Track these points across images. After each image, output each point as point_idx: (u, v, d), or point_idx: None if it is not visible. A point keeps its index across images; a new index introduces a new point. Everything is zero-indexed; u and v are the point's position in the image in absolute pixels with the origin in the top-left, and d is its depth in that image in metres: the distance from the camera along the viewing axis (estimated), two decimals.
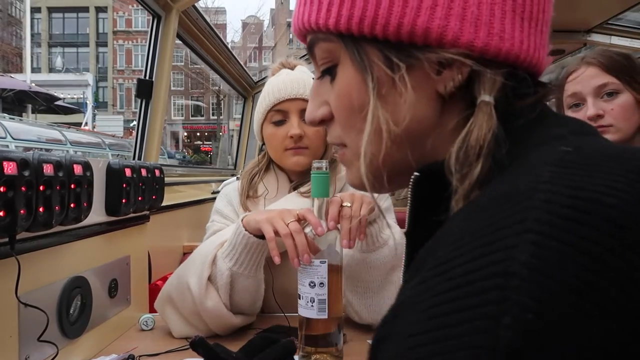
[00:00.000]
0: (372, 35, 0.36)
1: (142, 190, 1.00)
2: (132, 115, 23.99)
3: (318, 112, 0.43)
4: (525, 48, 0.35)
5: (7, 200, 0.60)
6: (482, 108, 0.34)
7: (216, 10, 23.05)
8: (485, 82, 0.34)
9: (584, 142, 0.31)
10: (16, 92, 13.16)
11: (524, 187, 0.26)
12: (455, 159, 0.33)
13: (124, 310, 1.00)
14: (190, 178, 2.12)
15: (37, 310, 0.69)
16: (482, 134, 0.33)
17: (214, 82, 22.23)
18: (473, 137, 0.33)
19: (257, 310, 1.00)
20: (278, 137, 1.06)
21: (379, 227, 0.94)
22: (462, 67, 0.35)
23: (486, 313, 0.21)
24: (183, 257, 1.66)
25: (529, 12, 0.35)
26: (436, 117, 0.37)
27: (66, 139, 9.76)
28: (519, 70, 0.35)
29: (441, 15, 0.34)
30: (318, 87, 0.43)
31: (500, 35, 0.34)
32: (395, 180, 0.40)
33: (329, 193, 0.83)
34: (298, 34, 0.42)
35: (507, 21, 0.34)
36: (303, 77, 1.08)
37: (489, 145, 0.32)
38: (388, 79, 0.36)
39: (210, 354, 0.72)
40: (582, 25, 2.02)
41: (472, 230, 0.26)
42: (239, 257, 0.90)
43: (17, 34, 24.83)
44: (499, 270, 0.22)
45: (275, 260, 0.83)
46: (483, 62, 0.34)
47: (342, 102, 0.39)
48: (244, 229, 0.90)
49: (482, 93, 0.34)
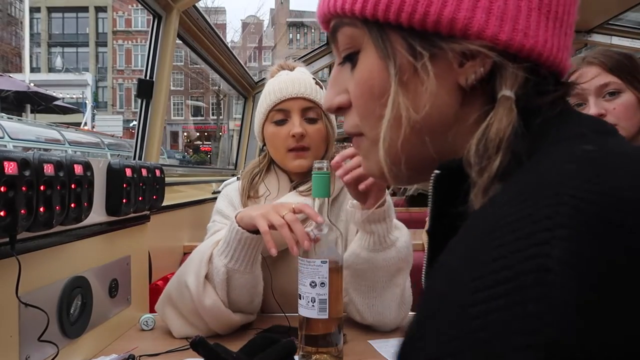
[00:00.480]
0: (397, 23, 0.36)
1: (143, 190, 1.00)
2: (131, 115, 23.99)
3: (336, 99, 0.42)
4: (549, 47, 0.35)
5: (7, 200, 0.60)
6: (502, 102, 0.34)
7: (216, 10, 23.05)
8: (507, 77, 0.34)
9: (606, 141, 0.31)
10: (15, 92, 13.14)
11: (551, 182, 0.26)
12: (474, 151, 0.33)
13: (125, 310, 1.00)
14: (191, 178, 2.12)
15: (37, 310, 0.69)
16: (502, 127, 0.33)
17: (213, 82, 22.23)
18: (493, 130, 0.33)
19: (256, 308, 1.00)
20: (280, 137, 1.06)
21: (387, 227, 0.93)
22: (485, 60, 0.35)
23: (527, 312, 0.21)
24: (183, 257, 1.66)
25: (555, 12, 0.35)
26: (456, 109, 0.37)
27: (64, 139, 9.74)
28: (541, 68, 0.35)
29: (468, 7, 0.34)
30: (338, 74, 0.42)
31: (524, 32, 0.34)
32: (414, 170, 0.40)
33: (329, 193, 0.83)
34: (322, 19, 0.42)
35: (532, 19, 0.34)
36: (303, 77, 1.08)
37: (508, 139, 0.32)
38: (410, 67, 0.36)
39: (210, 353, 0.72)
40: (583, 26, 2.02)
41: (501, 225, 0.25)
42: (234, 253, 0.90)
43: (17, 34, 24.81)
44: (534, 266, 0.22)
45: (272, 252, 0.83)
46: (506, 56, 0.34)
47: (363, 88, 0.39)
48: (237, 225, 0.90)
49: (503, 88, 0.34)
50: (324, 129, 1.07)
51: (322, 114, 1.08)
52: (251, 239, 0.90)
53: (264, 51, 26.94)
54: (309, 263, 0.80)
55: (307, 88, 1.06)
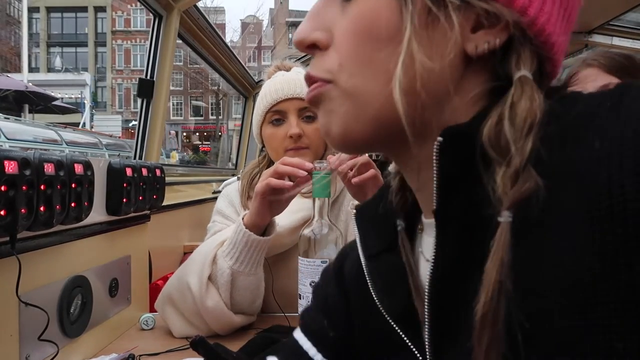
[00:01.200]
0: None
1: (143, 189, 1.00)
2: (131, 115, 23.98)
3: (314, 34, 0.36)
4: (560, 42, 0.33)
5: (8, 199, 0.60)
6: (523, 82, 0.31)
7: (215, 9, 23.05)
8: (526, 57, 0.32)
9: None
10: (13, 91, 13.11)
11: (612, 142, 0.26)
12: (499, 131, 0.30)
13: (125, 309, 1.00)
14: (191, 178, 2.12)
15: (37, 309, 0.69)
16: (533, 108, 0.30)
17: (213, 82, 22.22)
18: (521, 110, 0.30)
19: (257, 309, 1.00)
20: (277, 138, 1.06)
21: None
22: (501, 33, 0.32)
23: None
24: (184, 257, 1.66)
25: (570, 11, 0.34)
26: (457, 79, 0.33)
27: (62, 139, 9.70)
28: (547, 62, 0.34)
29: None
30: (322, 7, 0.37)
31: (548, 16, 0.32)
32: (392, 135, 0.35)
33: (330, 193, 0.83)
34: None
35: (555, 8, 0.33)
36: (299, 77, 1.08)
37: (539, 120, 0.30)
38: (426, 15, 0.32)
39: (210, 353, 0.71)
40: (583, 27, 2.02)
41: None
42: (240, 255, 0.91)
43: (16, 34, 24.79)
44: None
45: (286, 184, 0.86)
46: (524, 36, 0.32)
47: (360, 26, 0.34)
48: (244, 227, 0.90)
49: (522, 67, 0.32)
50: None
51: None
52: (258, 242, 0.90)
53: (263, 51, 26.95)
54: (309, 263, 0.80)
55: (303, 88, 1.06)
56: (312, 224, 0.83)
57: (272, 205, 0.90)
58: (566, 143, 0.29)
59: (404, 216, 0.41)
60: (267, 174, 0.88)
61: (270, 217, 0.93)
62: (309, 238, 0.82)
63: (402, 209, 0.41)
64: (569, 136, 0.29)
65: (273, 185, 0.86)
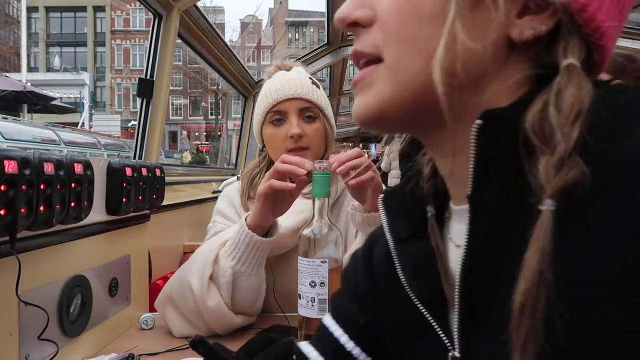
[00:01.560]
0: None
1: (143, 189, 1.00)
2: (130, 115, 23.96)
3: (357, 12, 0.36)
4: (611, 32, 0.32)
5: (8, 199, 0.60)
6: (571, 70, 0.30)
7: (214, 9, 23.04)
8: (574, 45, 0.31)
9: None
10: (12, 91, 13.08)
11: None
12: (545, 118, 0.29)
13: (125, 309, 1.00)
14: (191, 178, 2.12)
15: (37, 309, 0.69)
16: (580, 95, 0.29)
17: (212, 82, 22.21)
18: (568, 95, 0.29)
19: (257, 310, 1.00)
20: (278, 138, 1.06)
21: None
22: (549, 20, 0.31)
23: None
24: (184, 257, 1.66)
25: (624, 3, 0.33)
26: (499, 63, 0.33)
27: (60, 139, 9.67)
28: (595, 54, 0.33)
29: None
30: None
31: (599, 5, 0.31)
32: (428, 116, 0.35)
33: (330, 194, 0.83)
34: None
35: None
36: (300, 77, 1.08)
37: (587, 108, 0.29)
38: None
39: (210, 353, 0.71)
40: None
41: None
42: (242, 256, 0.91)
43: (15, 34, 24.77)
44: None
45: (289, 186, 0.87)
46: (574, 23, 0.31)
47: (404, 4, 0.33)
48: (247, 228, 0.90)
49: (569, 55, 0.31)
50: (322, 128, 1.08)
51: (319, 113, 1.08)
52: (260, 243, 0.90)
53: (263, 51, 26.95)
54: (309, 263, 0.80)
55: (304, 88, 1.06)
56: (312, 224, 0.83)
57: (275, 207, 0.90)
58: (615, 132, 0.28)
59: (434, 203, 0.41)
60: (269, 175, 0.88)
61: (274, 219, 0.93)
62: (309, 238, 0.82)
63: (432, 196, 0.41)
64: (618, 126, 0.28)
65: (275, 187, 0.86)
